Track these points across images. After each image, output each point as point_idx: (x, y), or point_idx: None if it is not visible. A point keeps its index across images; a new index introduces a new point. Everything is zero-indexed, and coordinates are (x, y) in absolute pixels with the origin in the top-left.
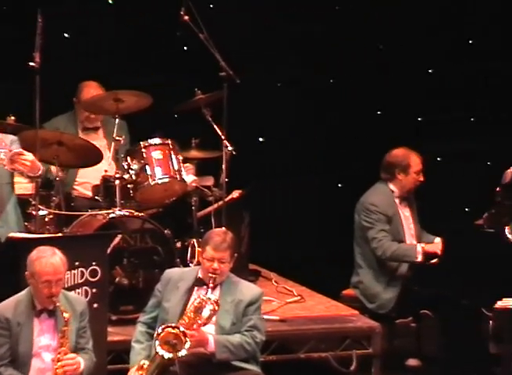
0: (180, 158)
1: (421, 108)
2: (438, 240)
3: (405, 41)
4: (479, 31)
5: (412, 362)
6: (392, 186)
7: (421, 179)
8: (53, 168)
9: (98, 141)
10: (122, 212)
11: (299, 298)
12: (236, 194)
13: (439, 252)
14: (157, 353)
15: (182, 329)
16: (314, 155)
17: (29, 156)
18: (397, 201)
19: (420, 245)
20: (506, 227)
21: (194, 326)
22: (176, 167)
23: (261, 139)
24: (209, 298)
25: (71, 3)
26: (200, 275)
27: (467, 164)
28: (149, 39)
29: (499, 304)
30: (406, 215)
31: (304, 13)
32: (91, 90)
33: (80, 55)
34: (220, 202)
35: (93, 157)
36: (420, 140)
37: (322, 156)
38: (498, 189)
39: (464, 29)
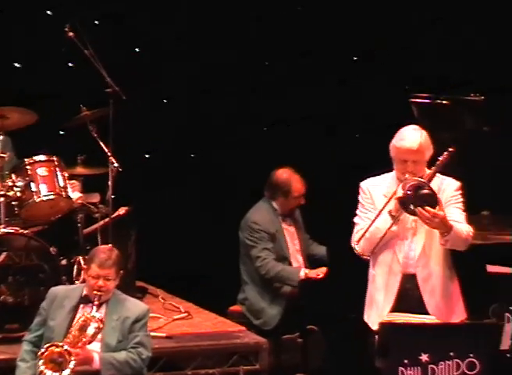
0: (66, 174)
1: None
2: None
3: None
4: None
5: None
6: (274, 204)
7: (302, 202)
8: None
9: None
10: (6, 230)
11: (186, 314)
12: (122, 211)
13: (320, 276)
14: (41, 372)
15: (66, 347)
16: (200, 171)
17: None
18: (280, 218)
19: (304, 270)
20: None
21: (79, 344)
22: (62, 184)
23: (147, 155)
24: (94, 316)
25: None
26: (85, 292)
27: None
28: (37, 55)
29: (385, 318)
30: (290, 231)
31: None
32: None
33: None
34: (106, 219)
35: None
36: None
37: (208, 173)
38: None
39: None
